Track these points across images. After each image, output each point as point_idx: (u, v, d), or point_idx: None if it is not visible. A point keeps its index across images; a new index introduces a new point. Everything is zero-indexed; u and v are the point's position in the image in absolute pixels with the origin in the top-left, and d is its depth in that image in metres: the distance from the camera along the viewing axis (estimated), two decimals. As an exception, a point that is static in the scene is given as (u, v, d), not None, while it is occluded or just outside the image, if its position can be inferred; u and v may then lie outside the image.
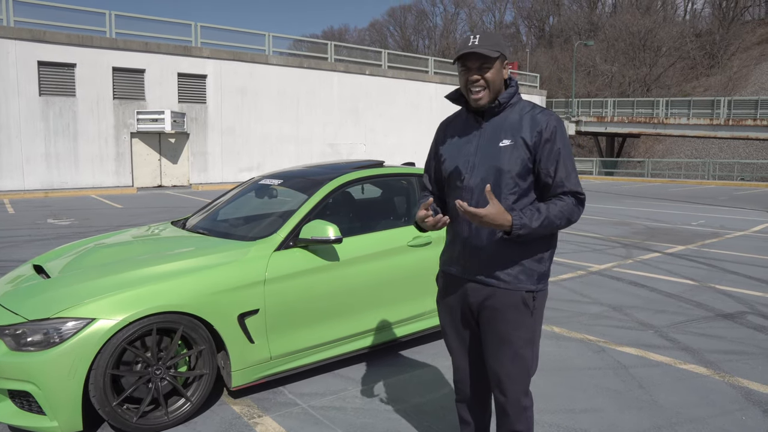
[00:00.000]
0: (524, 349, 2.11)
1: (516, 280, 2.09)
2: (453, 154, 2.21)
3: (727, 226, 11.32)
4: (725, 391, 3.52)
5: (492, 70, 2.07)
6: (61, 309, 2.83)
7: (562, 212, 2.03)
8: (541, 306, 2.15)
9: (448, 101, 24.65)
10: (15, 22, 19.34)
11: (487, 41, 2.06)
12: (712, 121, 32.35)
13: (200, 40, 23.10)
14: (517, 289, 2.08)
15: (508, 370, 2.12)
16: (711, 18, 59.56)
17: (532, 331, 2.13)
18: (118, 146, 21.17)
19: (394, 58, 29.90)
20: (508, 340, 2.10)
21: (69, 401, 2.76)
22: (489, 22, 76.96)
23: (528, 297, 2.09)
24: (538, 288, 2.11)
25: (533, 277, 2.10)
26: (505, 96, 2.13)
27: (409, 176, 4.35)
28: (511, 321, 2.10)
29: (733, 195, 19.70)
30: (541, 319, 2.16)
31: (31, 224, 11.25)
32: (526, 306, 2.09)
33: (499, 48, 2.07)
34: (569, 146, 2.11)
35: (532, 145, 2.06)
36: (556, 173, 2.05)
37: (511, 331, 2.10)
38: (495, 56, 2.06)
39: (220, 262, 3.25)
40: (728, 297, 5.77)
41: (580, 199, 2.08)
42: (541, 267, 2.12)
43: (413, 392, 3.51)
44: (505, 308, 2.10)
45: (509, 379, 2.12)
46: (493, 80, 2.08)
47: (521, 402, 2.14)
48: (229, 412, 3.24)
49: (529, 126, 2.08)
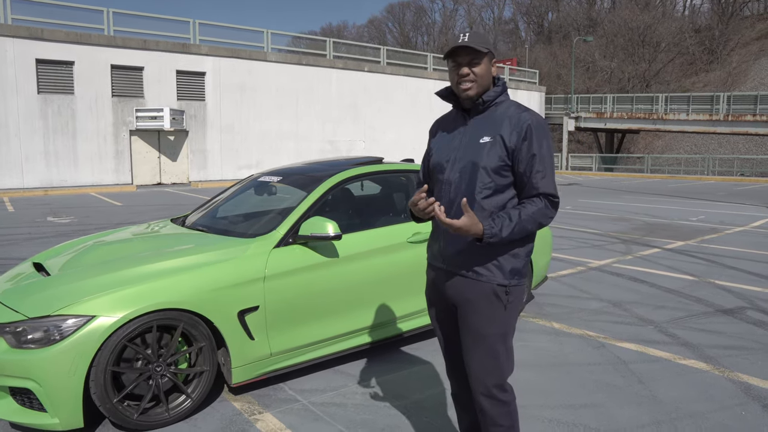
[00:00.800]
0: (497, 343, 2.14)
1: (489, 273, 2.13)
2: (439, 150, 2.29)
3: (726, 221, 11.33)
4: (725, 386, 3.52)
5: (481, 65, 2.14)
6: (62, 306, 2.83)
7: (533, 217, 2.07)
8: (516, 302, 2.17)
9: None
10: (12, 20, 19.30)
11: (476, 38, 2.13)
12: (712, 116, 32.35)
13: (198, 37, 23.06)
14: (489, 281, 2.13)
15: (481, 364, 2.15)
16: (710, 13, 59.50)
17: (505, 326, 2.15)
18: (117, 144, 21.15)
19: (393, 54, 29.86)
20: (480, 334, 2.14)
21: (70, 398, 2.76)
22: (488, 18, 76.87)
23: (500, 290, 2.12)
24: (510, 283, 2.13)
25: (506, 272, 2.13)
26: (491, 94, 2.18)
27: (408, 173, 4.35)
28: (485, 313, 2.14)
29: (732, 190, 19.72)
30: (515, 315, 2.18)
31: (30, 222, 11.24)
32: (499, 298, 2.12)
33: (488, 45, 2.15)
34: (548, 148, 2.13)
35: (510, 145, 2.10)
36: (530, 174, 2.09)
37: (484, 323, 2.14)
38: (484, 51, 2.13)
39: (220, 259, 3.25)
40: (728, 292, 5.78)
41: (554, 202, 2.11)
42: (516, 263, 2.15)
43: (413, 388, 3.52)
44: (478, 300, 2.14)
45: (482, 373, 2.15)
46: (481, 75, 2.15)
47: (498, 396, 2.15)
48: (230, 408, 3.25)
49: (509, 125, 2.12)
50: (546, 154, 2.11)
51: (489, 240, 2.02)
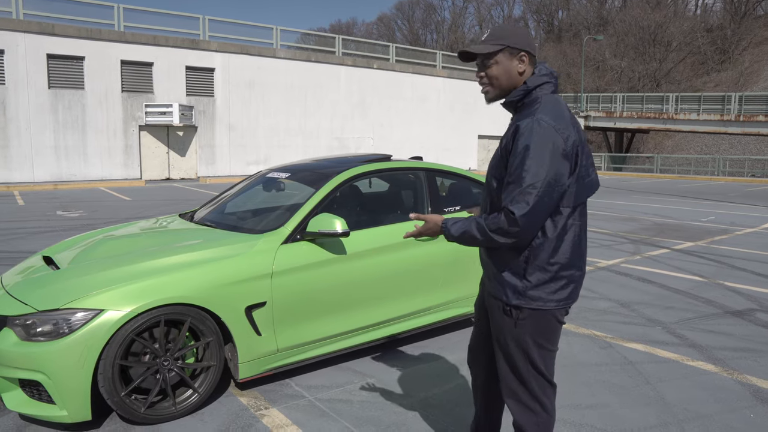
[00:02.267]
0: (515, 355, 2.06)
1: (499, 289, 2.05)
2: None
3: (737, 222, 11.24)
4: (733, 389, 3.50)
5: (494, 65, 2.01)
6: (71, 300, 2.85)
7: (486, 227, 1.92)
8: (535, 325, 2.00)
9: (455, 95, 24.55)
10: (24, 15, 19.44)
11: (490, 36, 2.01)
12: (723, 116, 32.08)
13: (208, 33, 23.12)
14: (497, 297, 2.07)
15: (502, 369, 2.13)
16: (722, 13, 58.95)
17: (520, 341, 2.03)
18: (126, 139, 21.26)
19: (402, 52, 29.80)
20: (497, 339, 2.12)
21: (78, 391, 2.78)
22: (497, 17, 76.56)
23: (506, 308, 2.03)
24: (514, 303, 2.00)
25: (508, 290, 2.01)
26: (512, 95, 2.01)
27: (416, 170, 4.34)
28: (498, 323, 2.10)
29: (743, 191, 19.55)
30: (538, 334, 2.02)
31: (40, 216, 11.33)
32: (509, 315, 2.03)
33: (501, 41, 1.98)
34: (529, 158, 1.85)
35: (505, 154, 1.96)
36: (504, 183, 1.93)
37: (498, 333, 2.11)
38: (492, 51, 1.98)
39: (228, 255, 3.26)
40: (737, 294, 5.74)
41: (510, 218, 1.86)
42: (520, 283, 1.99)
43: (419, 386, 3.51)
44: (493, 311, 2.12)
45: (505, 378, 2.13)
46: (496, 76, 2.01)
47: (521, 397, 2.09)
48: (236, 403, 3.26)
49: (509, 132, 1.97)
50: (525, 165, 1.85)
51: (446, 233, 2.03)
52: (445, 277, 4.13)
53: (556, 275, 1.98)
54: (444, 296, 4.16)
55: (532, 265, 1.97)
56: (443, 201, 4.33)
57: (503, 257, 2.04)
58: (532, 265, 1.97)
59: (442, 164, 4.57)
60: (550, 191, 1.87)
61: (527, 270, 1.98)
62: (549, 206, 1.89)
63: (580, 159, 1.94)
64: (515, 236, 1.89)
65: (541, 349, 2.05)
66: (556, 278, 1.98)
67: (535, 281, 1.98)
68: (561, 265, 1.98)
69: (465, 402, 3.29)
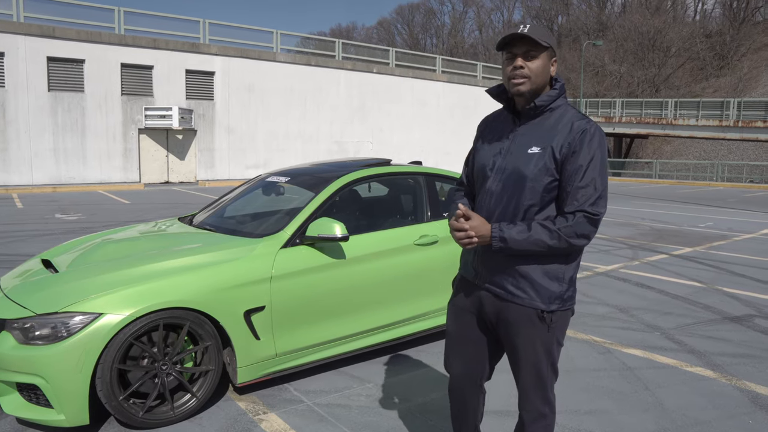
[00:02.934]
0: (542, 362, 2.04)
1: (527, 296, 1.98)
2: (484, 154, 2.12)
3: (735, 228, 11.25)
4: (732, 395, 3.50)
5: (538, 60, 1.94)
6: (69, 303, 2.85)
7: (557, 233, 1.89)
8: (562, 324, 2.04)
9: (455, 100, 24.40)
10: (25, 17, 19.46)
11: (537, 30, 1.93)
12: (722, 122, 32.15)
13: (208, 37, 23.16)
14: (529, 305, 1.99)
15: (525, 381, 2.08)
16: (721, 18, 59.16)
17: (549, 344, 2.03)
18: (125, 142, 21.27)
19: (402, 56, 29.87)
20: (525, 354, 2.05)
21: (76, 395, 2.78)
22: (497, 21, 76.79)
23: (542, 314, 1.99)
24: (551, 308, 1.98)
25: (545, 297, 1.97)
26: (545, 98, 1.98)
27: (416, 175, 4.35)
28: (527, 336, 2.02)
29: (742, 197, 19.58)
30: (561, 333, 2.06)
31: (39, 219, 11.32)
32: (542, 321, 1.99)
33: (549, 40, 1.95)
34: (601, 162, 1.91)
35: (560, 157, 1.92)
36: (572, 187, 1.91)
37: (528, 346, 2.03)
38: (544, 45, 1.94)
39: (227, 259, 3.26)
40: (736, 300, 5.74)
41: (592, 219, 1.89)
42: (557, 287, 1.98)
43: (418, 391, 3.51)
44: (519, 323, 2.02)
45: (528, 390, 2.09)
46: (537, 72, 1.95)
47: (540, 410, 2.09)
48: (235, 408, 3.26)
49: (562, 135, 1.93)
50: (598, 168, 1.90)
51: (497, 244, 1.90)
52: (444, 282, 4.13)
53: (576, 276, 2.07)
54: (443, 301, 4.16)
55: (569, 267, 2.01)
56: (443, 206, 4.33)
57: (542, 264, 1.97)
58: (569, 267, 2.01)
59: (442, 169, 4.57)
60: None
61: (566, 273, 2.00)
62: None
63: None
64: (590, 239, 1.94)
65: (560, 346, 2.08)
66: (575, 278, 2.06)
67: (570, 283, 2.02)
68: (578, 267, 2.06)
69: (463, 407, 3.29)
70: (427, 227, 4.09)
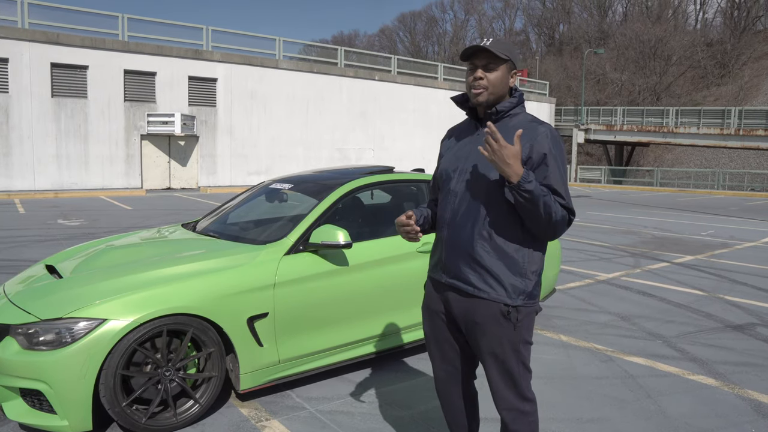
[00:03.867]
0: (511, 360, 2.08)
1: (491, 290, 2.04)
2: (447, 158, 2.23)
3: (736, 236, 11.25)
4: (734, 403, 3.49)
5: (497, 72, 2.06)
6: (74, 309, 2.86)
7: (556, 211, 1.96)
8: (528, 323, 2.09)
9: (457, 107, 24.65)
10: (29, 24, 19.57)
11: (497, 44, 2.06)
12: (723, 130, 32.17)
13: (211, 43, 23.26)
14: (494, 300, 2.04)
15: (499, 381, 2.12)
16: (722, 27, 59.32)
17: (516, 343, 2.07)
18: (128, 148, 21.33)
19: (404, 63, 29.97)
20: (493, 354, 2.09)
21: (79, 401, 2.78)
22: (499, 29, 77.04)
23: (506, 309, 2.04)
24: (515, 302, 2.04)
25: (510, 291, 2.04)
26: (506, 105, 2.10)
27: (418, 182, 4.37)
28: (493, 335, 2.07)
29: (743, 205, 19.58)
30: (528, 331, 2.10)
31: (41, 224, 11.34)
32: (507, 319, 2.04)
33: (507, 53, 2.07)
34: (563, 163, 2.05)
35: (523, 157, 2.00)
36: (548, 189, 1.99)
37: (494, 345, 2.08)
38: (503, 58, 2.05)
39: (231, 265, 3.27)
40: (738, 308, 5.74)
41: (570, 219, 2.03)
42: (524, 284, 2.05)
43: (420, 399, 3.51)
44: (485, 321, 2.07)
45: (502, 390, 2.12)
46: (495, 83, 2.06)
47: (517, 407, 2.12)
48: (237, 414, 3.26)
49: (524, 136, 2.03)
50: (561, 170, 2.03)
51: (525, 185, 1.88)
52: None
53: (541, 271, 2.14)
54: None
55: (532, 262, 2.07)
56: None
57: (506, 258, 2.04)
58: (533, 262, 2.08)
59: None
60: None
61: (528, 267, 2.07)
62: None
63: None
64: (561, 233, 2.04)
65: (529, 344, 2.13)
66: (541, 274, 2.13)
67: (534, 278, 2.09)
68: (542, 261, 2.13)
69: (466, 415, 3.29)
70: (430, 234, 4.10)
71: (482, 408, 3.32)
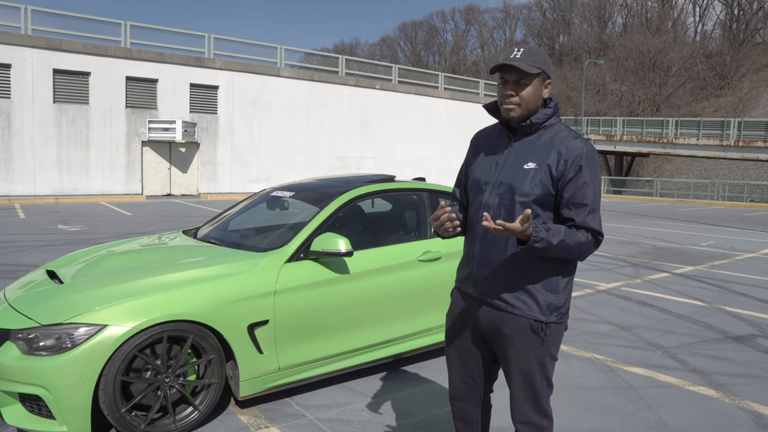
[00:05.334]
0: (534, 374, 2.07)
1: (525, 306, 2.03)
2: (479, 169, 2.17)
3: (736, 247, 11.25)
4: (735, 415, 3.49)
5: (529, 87, 2.00)
6: (74, 315, 2.86)
7: (579, 243, 1.95)
8: (556, 338, 2.08)
9: (457, 117, 24.58)
10: (32, 30, 19.67)
11: (528, 56, 1.99)
12: (722, 141, 32.27)
13: (213, 51, 23.37)
14: (525, 316, 2.03)
15: (518, 392, 2.10)
16: (721, 39, 59.65)
17: (542, 357, 2.06)
18: (129, 154, 21.36)
19: (405, 73, 30.09)
20: (518, 366, 2.08)
21: (79, 406, 2.78)
22: (499, 40, 77.43)
23: (537, 326, 2.03)
24: (548, 319, 2.03)
25: (543, 308, 2.02)
26: (540, 117, 2.04)
27: (419, 191, 4.38)
28: (520, 348, 2.06)
29: (742, 216, 19.59)
30: (555, 347, 2.10)
31: (41, 229, 11.34)
32: (535, 333, 2.03)
33: (540, 65, 2.00)
34: (598, 180, 1.99)
35: (556, 173, 1.97)
36: (577, 207, 1.96)
37: (520, 358, 2.06)
38: (534, 72, 1.98)
39: (232, 272, 3.27)
40: (738, 319, 5.73)
41: (598, 240, 1.99)
42: (555, 299, 2.04)
43: (419, 407, 3.50)
44: (513, 334, 2.05)
45: (521, 403, 2.10)
46: (527, 98, 2.01)
47: (534, 421, 2.10)
48: (236, 421, 3.25)
49: (557, 152, 1.99)
50: (596, 187, 1.98)
51: (534, 244, 1.87)
52: (447, 298, 4.14)
53: (572, 286, 2.12)
54: (445, 317, 4.16)
55: (564, 279, 2.06)
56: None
57: (540, 272, 2.02)
58: (565, 279, 2.06)
59: (445, 186, 4.60)
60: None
61: (560, 284, 2.05)
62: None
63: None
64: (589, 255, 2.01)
65: (554, 360, 2.11)
66: (572, 289, 2.11)
67: (566, 294, 2.08)
68: (573, 276, 2.11)
69: (466, 424, 3.28)
70: (430, 243, 4.11)
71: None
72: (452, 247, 4.18)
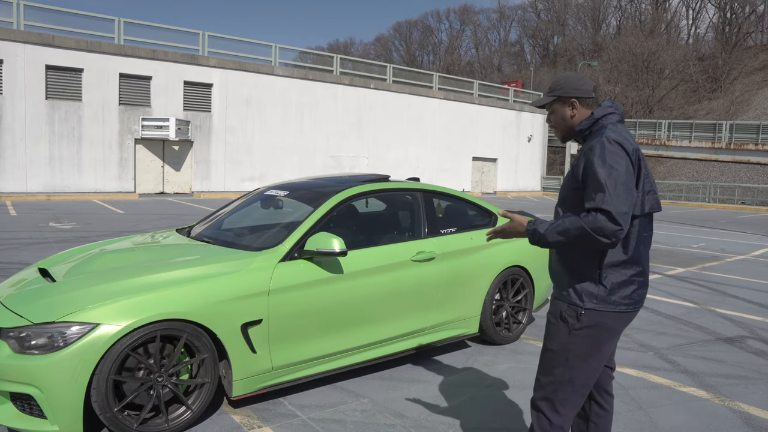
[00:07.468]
0: (553, 360, 2.21)
1: (566, 293, 2.21)
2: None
3: (727, 249, 11.33)
4: (725, 416, 3.51)
5: (553, 114, 2.34)
6: (66, 313, 2.84)
7: (573, 223, 2.05)
8: (588, 331, 2.14)
9: (451, 117, 24.83)
10: (25, 25, 19.51)
11: (549, 89, 2.33)
12: (714, 144, 32.50)
13: (207, 49, 23.28)
14: (562, 299, 2.21)
15: (539, 373, 2.29)
16: (714, 42, 60.05)
17: (566, 350, 2.18)
18: (121, 152, 21.25)
19: (399, 72, 30.09)
20: (543, 346, 2.29)
21: (70, 406, 2.76)
22: (494, 40, 77.60)
23: (569, 311, 2.17)
24: (584, 305, 2.14)
25: (581, 294, 2.16)
26: (583, 124, 2.28)
27: (414, 191, 4.38)
28: (549, 330, 2.25)
29: (733, 218, 19.73)
30: (585, 346, 2.16)
31: (32, 227, 11.26)
32: (564, 321, 2.18)
33: (554, 92, 2.31)
34: (607, 163, 2.04)
35: (579, 172, 2.15)
36: (587, 193, 2.08)
37: (546, 339, 2.27)
38: (547, 102, 2.32)
39: (225, 271, 3.26)
40: (728, 321, 5.77)
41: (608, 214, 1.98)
42: (592, 288, 2.15)
43: (413, 407, 3.51)
44: (549, 317, 2.28)
45: (537, 382, 2.29)
46: (556, 122, 2.35)
47: (542, 409, 2.25)
48: (229, 421, 3.24)
49: (584, 150, 2.19)
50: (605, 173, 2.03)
51: (528, 236, 2.17)
52: (442, 298, 4.15)
53: (629, 279, 2.16)
54: (440, 317, 4.17)
55: (605, 270, 2.14)
56: (440, 222, 4.36)
57: (576, 263, 2.18)
58: (606, 270, 2.14)
59: (439, 186, 4.61)
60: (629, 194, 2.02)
61: (602, 275, 2.15)
62: (630, 208, 2.02)
63: (642, 171, 2.15)
64: (614, 235, 1.98)
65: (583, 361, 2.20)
66: (628, 282, 2.16)
67: (610, 286, 2.15)
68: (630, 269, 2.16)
69: (458, 424, 3.29)
70: (424, 244, 4.11)
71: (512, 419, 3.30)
72: (445, 248, 4.19)
